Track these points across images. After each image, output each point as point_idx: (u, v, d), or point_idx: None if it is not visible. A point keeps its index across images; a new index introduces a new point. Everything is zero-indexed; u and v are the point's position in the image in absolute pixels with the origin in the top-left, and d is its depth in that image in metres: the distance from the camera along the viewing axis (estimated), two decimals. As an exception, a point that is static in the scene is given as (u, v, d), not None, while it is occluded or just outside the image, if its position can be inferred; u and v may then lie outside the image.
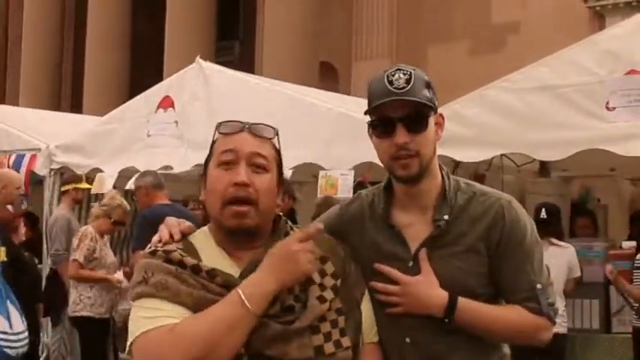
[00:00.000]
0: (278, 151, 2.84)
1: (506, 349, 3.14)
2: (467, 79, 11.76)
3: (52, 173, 11.97)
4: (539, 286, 2.94)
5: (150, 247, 2.75)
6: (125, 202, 9.38)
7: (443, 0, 21.33)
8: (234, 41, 28.48)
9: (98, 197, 11.02)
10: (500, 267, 2.94)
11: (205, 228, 2.85)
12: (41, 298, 9.37)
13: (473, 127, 8.09)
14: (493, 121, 8.08)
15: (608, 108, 7.40)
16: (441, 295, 2.89)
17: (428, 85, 2.93)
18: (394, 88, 2.87)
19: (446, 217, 2.95)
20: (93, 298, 9.00)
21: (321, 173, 9.17)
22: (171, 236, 2.79)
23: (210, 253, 2.72)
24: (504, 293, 2.99)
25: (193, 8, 23.26)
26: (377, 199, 3.08)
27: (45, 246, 11.87)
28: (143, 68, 25.14)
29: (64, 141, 11.98)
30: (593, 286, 8.53)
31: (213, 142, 2.80)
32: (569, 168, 9.89)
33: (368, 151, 3.04)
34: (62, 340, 10.14)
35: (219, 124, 2.79)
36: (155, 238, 2.82)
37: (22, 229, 9.07)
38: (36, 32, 28.78)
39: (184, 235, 2.81)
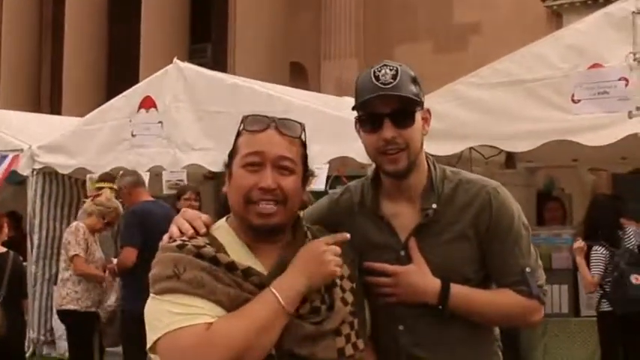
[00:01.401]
0: (304, 146, 2.72)
1: (497, 334, 3.11)
2: (432, 77, 11.63)
3: (35, 173, 11.86)
4: (528, 269, 2.89)
5: (173, 240, 2.58)
6: (119, 205, 9.26)
7: (407, 1, 21.41)
8: (206, 44, 28.34)
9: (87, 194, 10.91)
10: (490, 252, 2.90)
11: (224, 222, 2.73)
12: (26, 294, 9.30)
13: (444, 121, 7.98)
14: (463, 115, 8.09)
15: (573, 100, 7.45)
16: (434, 283, 2.84)
17: (414, 81, 2.86)
18: (381, 83, 2.80)
19: (434, 205, 2.90)
20: (80, 292, 8.89)
21: (315, 167, 9.11)
22: (195, 230, 2.65)
23: (235, 250, 2.60)
24: (495, 277, 2.95)
25: (167, 11, 23.23)
26: (365, 191, 3.03)
27: (29, 244, 11.88)
28: (120, 70, 24.98)
29: (47, 141, 11.86)
30: (562, 272, 8.53)
31: (238, 134, 2.67)
32: (534, 159, 9.92)
33: (342, 147, 2.99)
34: None
35: (246, 118, 2.67)
36: (174, 230, 2.65)
37: (5, 229, 8.88)
38: (14, 36, 28.51)
39: (208, 228, 2.69)
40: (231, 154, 2.66)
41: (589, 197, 9.66)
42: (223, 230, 2.68)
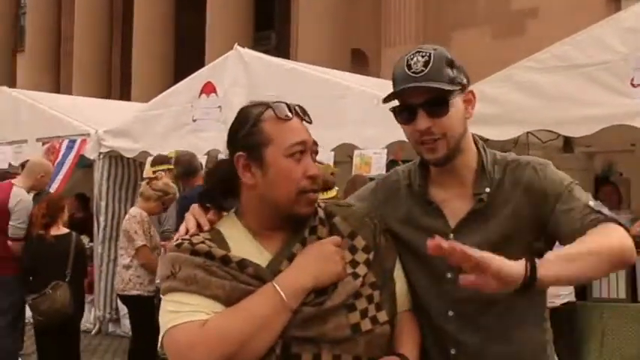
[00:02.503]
0: None
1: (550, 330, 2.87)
2: (490, 62, 11.47)
3: (101, 157, 11.97)
4: (591, 202, 2.59)
5: (177, 239, 2.50)
6: (177, 190, 9.15)
7: (465, -13, 21.18)
8: (270, 31, 28.34)
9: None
10: (553, 216, 2.63)
11: (232, 213, 2.60)
12: (86, 274, 9.23)
13: (500, 106, 7.87)
14: (519, 100, 7.82)
15: (633, 84, 7.11)
16: (517, 263, 2.36)
17: (450, 64, 2.66)
18: (412, 72, 2.62)
19: (487, 190, 2.71)
20: (142, 277, 8.81)
21: (356, 152, 9.04)
22: (199, 225, 2.55)
23: (239, 240, 2.50)
24: (565, 232, 2.59)
25: (232, 0, 23.10)
26: (413, 175, 2.84)
27: (95, 225, 11.92)
28: (187, 57, 25.01)
29: (112, 126, 11.92)
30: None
31: (259, 121, 2.52)
32: (592, 143, 9.66)
33: (399, 131, 2.79)
34: None
35: (272, 105, 2.55)
36: (182, 228, 2.57)
37: (66, 212, 8.76)
38: (87, 27, 28.83)
39: (213, 224, 2.57)
40: (258, 143, 2.49)
41: (648, 182, 9.41)
42: (229, 221, 2.57)
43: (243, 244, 2.48)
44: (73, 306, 7.98)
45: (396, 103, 2.72)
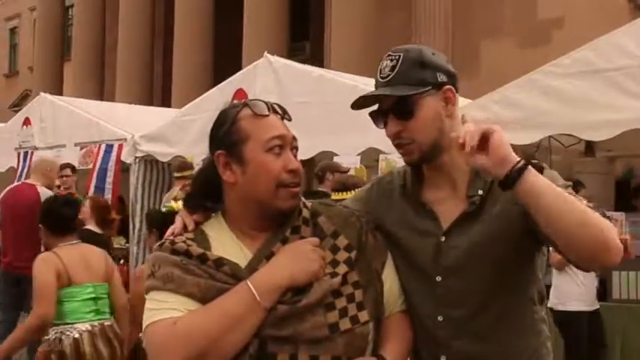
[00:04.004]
0: None
1: (547, 331, 2.68)
2: (516, 71, 11.28)
3: (137, 161, 11.93)
4: (584, 202, 2.38)
5: (162, 240, 2.44)
6: None
7: (492, -1, 21.12)
8: (305, 42, 28.36)
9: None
10: None
11: (219, 214, 2.50)
12: None
13: (522, 111, 7.70)
14: (541, 104, 7.62)
15: (653, 90, 6.89)
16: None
17: (422, 64, 2.53)
18: (381, 77, 2.55)
19: (480, 192, 2.54)
20: None
21: (381, 157, 8.89)
22: (185, 226, 2.47)
23: (221, 239, 2.42)
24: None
25: (268, 12, 23.20)
26: (408, 177, 2.70)
27: (131, 227, 11.92)
28: (225, 66, 25.06)
29: (148, 131, 11.87)
30: (639, 259, 8.03)
31: (237, 119, 2.45)
32: (613, 148, 9.49)
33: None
34: None
35: (249, 103, 2.49)
36: (169, 230, 2.50)
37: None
38: (130, 36, 29.17)
39: (198, 224, 2.47)
40: (237, 140, 2.41)
41: (669, 185, 9.26)
42: (215, 221, 2.51)
43: (226, 243, 2.40)
44: None
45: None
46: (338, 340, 2.26)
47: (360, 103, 2.60)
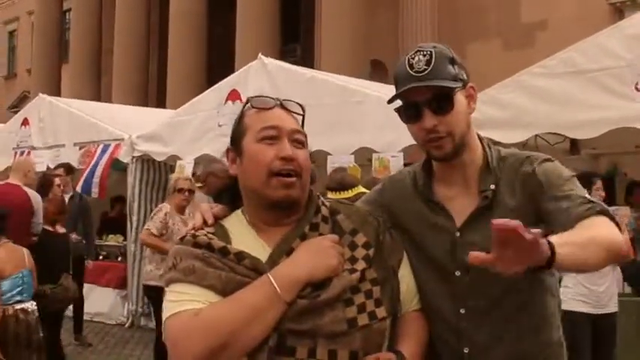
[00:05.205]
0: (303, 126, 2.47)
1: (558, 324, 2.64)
2: (501, 72, 11.31)
3: (134, 160, 11.91)
4: (587, 195, 2.40)
5: (184, 234, 2.40)
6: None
7: (478, 2, 21.09)
8: (296, 44, 28.33)
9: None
10: (550, 202, 2.42)
11: (239, 210, 2.45)
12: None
13: (509, 110, 7.69)
14: (528, 104, 7.63)
15: (637, 89, 6.90)
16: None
17: (452, 61, 2.49)
18: (415, 72, 2.45)
19: (492, 186, 2.51)
20: (162, 270, 8.65)
21: (375, 156, 8.89)
22: (205, 221, 2.41)
23: (241, 234, 2.36)
24: (562, 222, 2.35)
25: (260, 15, 23.23)
26: (418, 176, 2.66)
27: (128, 225, 11.89)
28: (218, 69, 25.03)
29: (145, 131, 11.84)
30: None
31: (242, 115, 2.41)
32: (597, 146, 9.54)
33: (414, 135, 2.59)
34: None
35: (251, 99, 2.40)
36: (190, 225, 2.44)
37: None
38: (125, 40, 29.19)
39: (217, 219, 2.43)
40: (239, 134, 2.38)
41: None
42: (235, 217, 2.44)
43: (245, 238, 2.35)
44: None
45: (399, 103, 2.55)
46: (356, 335, 2.21)
47: (395, 98, 2.53)
